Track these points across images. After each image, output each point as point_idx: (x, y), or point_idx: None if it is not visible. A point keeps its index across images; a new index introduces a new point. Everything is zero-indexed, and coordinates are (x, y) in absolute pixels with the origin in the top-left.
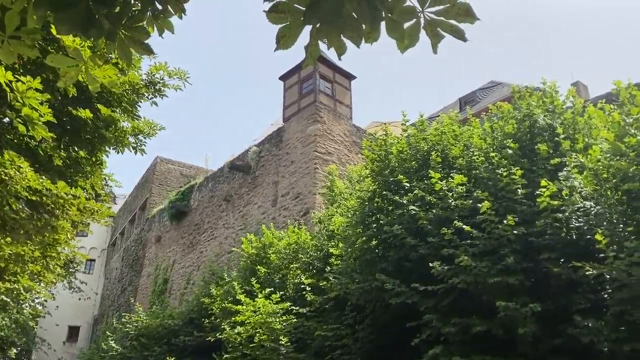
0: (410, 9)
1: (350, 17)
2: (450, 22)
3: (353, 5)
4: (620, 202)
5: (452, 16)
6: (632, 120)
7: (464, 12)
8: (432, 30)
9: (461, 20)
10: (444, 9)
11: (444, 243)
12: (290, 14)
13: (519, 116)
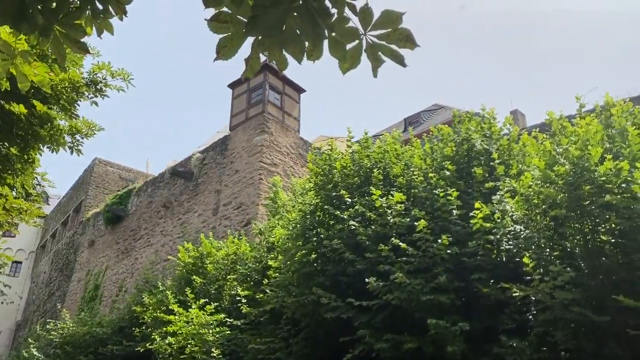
0: (352, 31)
1: (293, 33)
2: (390, 47)
3: (296, 21)
4: (548, 227)
5: (393, 41)
6: (562, 150)
7: (404, 37)
8: (373, 54)
9: (402, 46)
10: (385, 33)
11: (380, 259)
12: (232, 24)
13: (458, 139)
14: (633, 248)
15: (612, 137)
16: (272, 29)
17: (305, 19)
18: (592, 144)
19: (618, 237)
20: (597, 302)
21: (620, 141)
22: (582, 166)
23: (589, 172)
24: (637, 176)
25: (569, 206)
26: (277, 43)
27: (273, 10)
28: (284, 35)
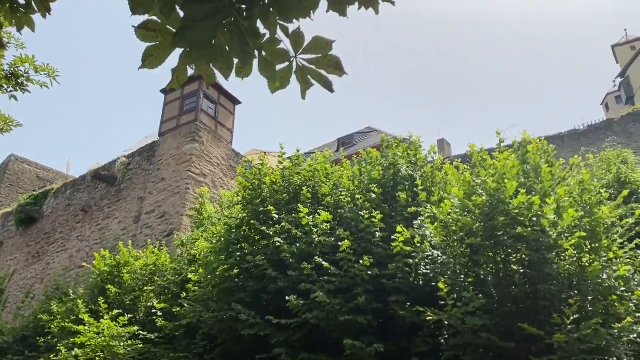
0: (283, 52)
1: (222, 48)
2: (320, 72)
3: (226, 36)
4: (463, 254)
5: (322, 66)
6: (480, 181)
7: (333, 64)
8: (302, 76)
9: (330, 72)
10: (315, 58)
11: (302, 277)
12: (161, 33)
13: (385, 164)
14: (539, 279)
15: (526, 172)
16: (201, 43)
17: (235, 36)
18: (508, 178)
19: (527, 268)
20: (504, 328)
21: (534, 177)
22: (498, 198)
23: (504, 204)
24: (546, 211)
25: (484, 235)
26: (205, 57)
27: (203, 24)
28: (213, 50)
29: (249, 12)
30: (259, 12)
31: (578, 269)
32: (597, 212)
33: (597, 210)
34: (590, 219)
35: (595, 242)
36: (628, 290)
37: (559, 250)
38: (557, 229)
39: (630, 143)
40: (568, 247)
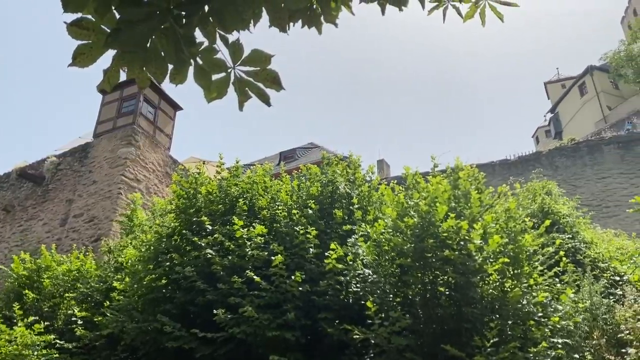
0: (220, 62)
1: (157, 53)
2: (258, 85)
3: (162, 42)
4: (393, 274)
5: (261, 80)
6: (413, 204)
7: (271, 78)
8: (240, 88)
9: (268, 86)
10: (253, 71)
11: (233, 291)
12: (94, 33)
13: (324, 180)
14: (464, 301)
15: (457, 197)
16: (135, 46)
17: (171, 42)
18: (439, 202)
19: (453, 290)
20: (428, 349)
21: (464, 202)
22: (429, 221)
23: (434, 227)
24: (474, 236)
25: (414, 256)
26: (138, 60)
27: (138, 27)
28: (147, 54)
29: (188, 19)
30: (199, 20)
31: (500, 294)
32: (521, 240)
33: (520, 238)
34: (514, 246)
35: (518, 269)
36: (545, 316)
37: (484, 274)
38: (482, 254)
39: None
40: (492, 272)
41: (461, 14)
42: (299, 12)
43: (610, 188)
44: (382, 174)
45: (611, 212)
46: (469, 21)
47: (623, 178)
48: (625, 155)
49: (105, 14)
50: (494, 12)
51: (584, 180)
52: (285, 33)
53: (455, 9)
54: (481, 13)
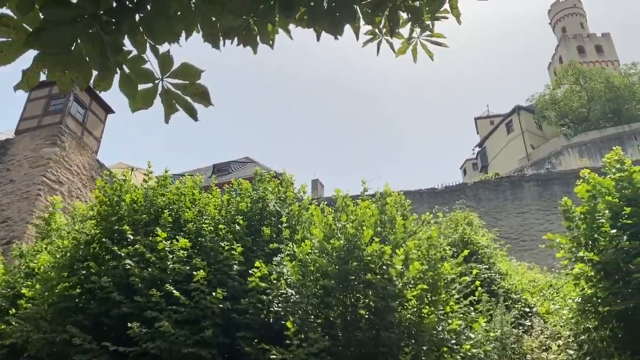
0: (148, 72)
1: (81, 57)
2: (185, 99)
3: (87, 46)
4: (316, 295)
5: (189, 94)
6: (340, 226)
7: (200, 93)
8: (167, 100)
9: (196, 100)
10: (182, 84)
11: (150, 304)
12: (15, 30)
13: (255, 197)
14: (382, 326)
15: (383, 222)
16: (57, 48)
17: (97, 47)
18: (366, 226)
19: (372, 314)
20: None
21: (389, 227)
22: (355, 244)
23: (359, 250)
24: (395, 261)
25: (338, 278)
26: (61, 64)
27: (63, 28)
28: (70, 58)
29: (117, 26)
30: (128, 28)
31: (417, 320)
32: (440, 268)
33: (440, 266)
34: (434, 273)
35: (436, 296)
36: (458, 344)
37: (403, 300)
38: (403, 280)
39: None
40: (411, 298)
41: (394, 49)
42: (234, 30)
43: (527, 223)
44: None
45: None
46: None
47: (540, 214)
48: (543, 192)
49: (28, 11)
50: (425, 50)
51: (505, 214)
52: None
53: (388, 44)
54: (413, 50)
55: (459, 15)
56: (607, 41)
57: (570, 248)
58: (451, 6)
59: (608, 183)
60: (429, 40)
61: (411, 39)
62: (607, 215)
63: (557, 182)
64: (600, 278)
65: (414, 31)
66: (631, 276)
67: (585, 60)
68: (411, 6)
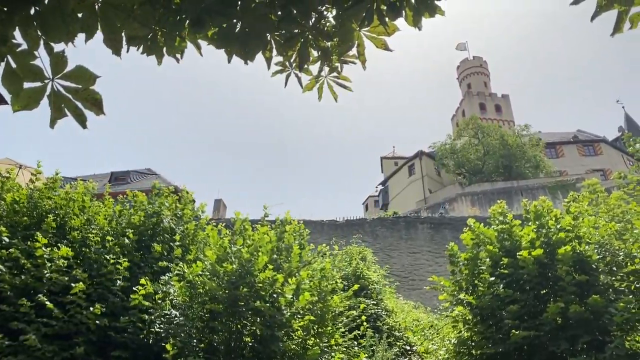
0: (37, 70)
1: None
2: (76, 104)
3: None
4: (202, 319)
5: (81, 99)
6: (235, 250)
7: (92, 99)
8: (56, 103)
9: (88, 107)
10: (74, 88)
11: (17, 315)
12: None
13: (150, 211)
14: (265, 355)
15: (280, 250)
16: None
17: None
18: (262, 252)
19: (257, 342)
20: None
21: (285, 256)
22: (248, 269)
23: (252, 276)
24: (286, 290)
25: (227, 303)
26: None
27: None
28: None
29: (8, 16)
30: (21, 20)
31: (301, 351)
32: (330, 300)
33: (330, 298)
34: (323, 305)
35: (322, 328)
36: None
37: (289, 329)
38: (291, 309)
39: (375, 243)
40: (298, 328)
41: (301, 84)
42: (139, 38)
43: (418, 263)
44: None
45: (415, 285)
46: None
47: (430, 255)
48: (435, 235)
49: None
50: (330, 90)
51: (398, 252)
52: (118, 56)
53: (297, 78)
54: (319, 88)
55: (365, 62)
56: (505, 102)
57: (452, 291)
58: (358, 52)
59: (491, 233)
60: (335, 81)
61: (319, 77)
62: (487, 263)
63: (448, 227)
64: (476, 322)
65: (322, 70)
66: (503, 322)
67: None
68: (322, 45)
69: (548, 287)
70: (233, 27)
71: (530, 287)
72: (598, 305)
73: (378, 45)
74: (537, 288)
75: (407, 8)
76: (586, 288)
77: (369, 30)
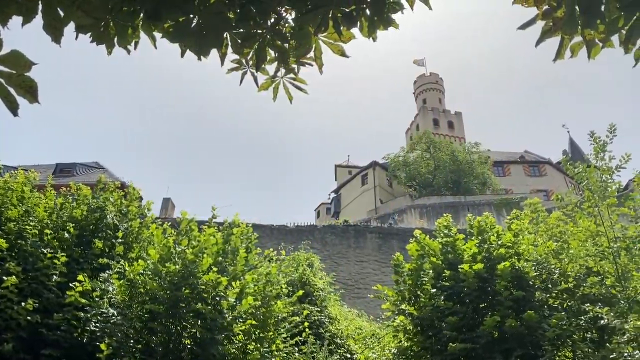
0: None
1: None
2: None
3: None
4: (141, 318)
5: (15, 85)
6: (180, 250)
7: (27, 86)
8: None
9: (20, 93)
10: (7, 73)
11: None
12: None
13: (93, 205)
14: (204, 357)
15: (226, 252)
16: None
17: None
18: (207, 253)
19: (197, 345)
20: None
21: (231, 258)
22: (191, 271)
23: (195, 278)
24: (230, 294)
25: (167, 304)
26: None
27: None
28: None
29: None
30: None
31: (241, 355)
32: (273, 305)
33: (273, 303)
34: (266, 310)
35: (264, 333)
36: None
37: (230, 333)
38: (233, 313)
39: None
40: (239, 332)
41: (257, 83)
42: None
43: (365, 271)
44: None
45: (361, 293)
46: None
47: (377, 265)
48: (382, 245)
49: None
50: (286, 91)
51: (346, 260)
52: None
53: (253, 77)
54: (275, 88)
55: (322, 66)
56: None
57: (395, 301)
58: (315, 56)
59: (435, 246)
60: (292, 83)
61: (275, 77)
62: (430, 275)
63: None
64: (416, 332)
65: (279, 71)
66: (442, 333)
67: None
68: (279, 46)
69: (487, 301)
70: (189, 21)
71: (470, 300)
72: (532, 320)
73: (335, 51)
74: (476, 301)
75: (362, 18)
76: (522, 303)
77: (326, 35)
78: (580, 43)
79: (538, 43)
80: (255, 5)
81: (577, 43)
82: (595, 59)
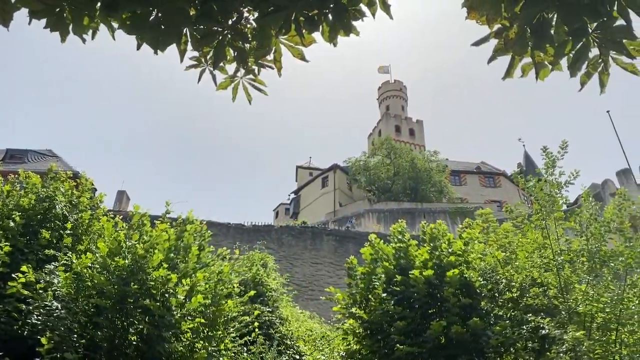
0: None
1: None
2: None
3: None
4: (86, 313)
5: None
6: (129, 244)
7: None
8: None
9: None
10: None
11: None
12: None
13: (42, 194)
14: (149, 355)
15: (178, 249)
16: None
17: None
18: (158, 249)
19: (143, 342)
20: None
21: (183, 255)
22: (141, 266)
23: (144, 273)
24: (179, 291)
25: (114, 299)
26: None
27: None
28: None
29: None
30: None
31: (188, 353)
32: (223, 304)
33: (224, 302)
34: (216, 308)
35: (212, 331)
36: None
37: (178, 331)
38: (182, 311)
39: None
40: (187, 330)
41: (215, 82)
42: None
43: (319, 273)
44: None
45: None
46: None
47: (332, 267)
48: (338, 248)
49: None
50: (245, 92)
51: (301, 261)
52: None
53: (211, 75)
54: (234, 88)
55: (281, 69)
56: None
57: (346, 304)
58: (275, 58)
59: (388, 250)
60: (251, 84)
61: (235, 77)
62: (382, 279)
63: (353, 241)
64: (365, 335)
65: (239, 71)
66: (390, 337)
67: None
68: (238, 46)
69: (435, 307)
70: (148, 14)
71: (419, 306)
72: (478, 327)
73: (295, 54)
74: (425, 307)
75: (324, 23)
76: (469, 311)
77: (287, 38)
78: (530, 64)
79: (490, 61)
80: (217, 4)
81: (528, 64)
82: (544, 81)
